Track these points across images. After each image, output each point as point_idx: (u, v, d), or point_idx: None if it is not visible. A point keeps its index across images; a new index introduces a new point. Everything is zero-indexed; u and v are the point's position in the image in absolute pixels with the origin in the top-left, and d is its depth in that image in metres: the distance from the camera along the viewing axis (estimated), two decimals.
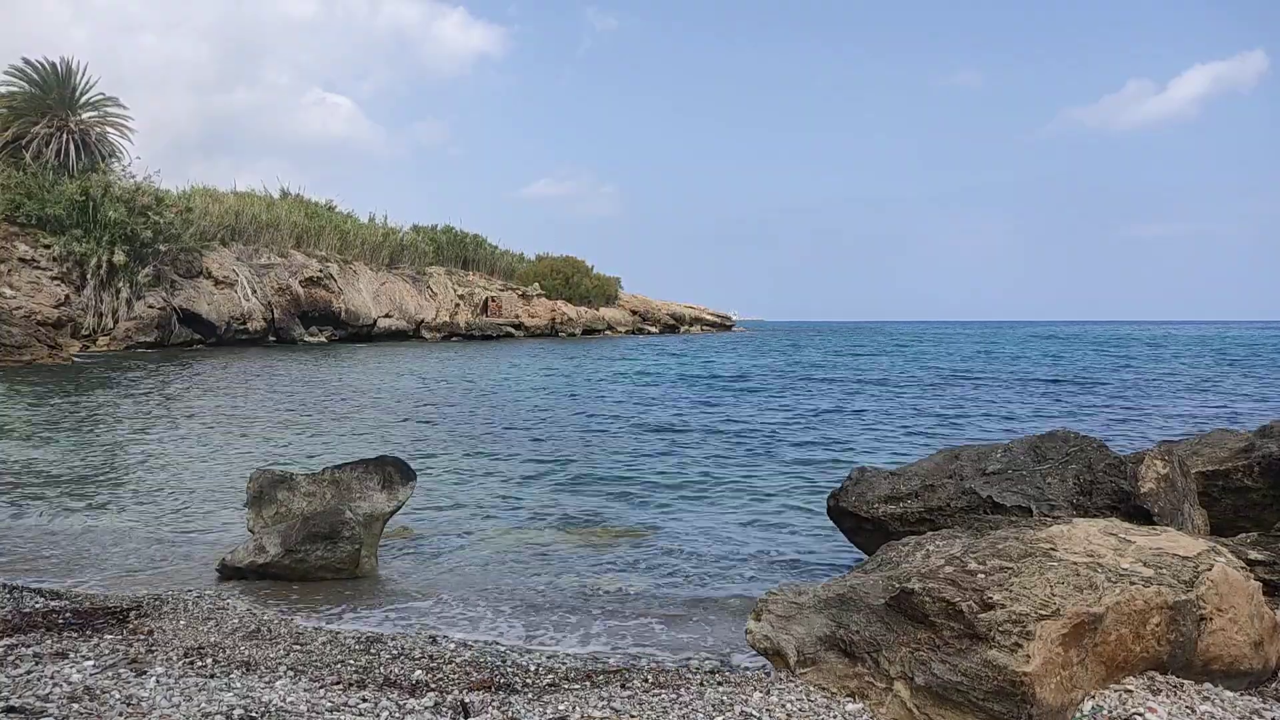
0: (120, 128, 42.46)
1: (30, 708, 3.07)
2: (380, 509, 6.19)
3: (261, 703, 3.25)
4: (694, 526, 7.38)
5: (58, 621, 4.40)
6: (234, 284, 42.44)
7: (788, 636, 3.71)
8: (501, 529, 7.31)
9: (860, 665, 3.43)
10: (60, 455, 10.75)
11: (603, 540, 6.93)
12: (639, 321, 74.81)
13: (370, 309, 50.19)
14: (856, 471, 5.97)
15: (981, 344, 53.88)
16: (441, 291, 56.80)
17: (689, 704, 3.34)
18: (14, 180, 36.19)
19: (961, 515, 5.14)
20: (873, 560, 4.09)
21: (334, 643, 4.39)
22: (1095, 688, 3.21)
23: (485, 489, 9.01)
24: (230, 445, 11.85)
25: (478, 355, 37.30)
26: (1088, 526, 3.88)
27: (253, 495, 6.28)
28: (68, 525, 7.29)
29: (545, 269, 67.78)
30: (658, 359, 35.74)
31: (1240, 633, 3.49)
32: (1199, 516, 5.22)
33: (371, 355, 35.93)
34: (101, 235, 36.34)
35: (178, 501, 8.27)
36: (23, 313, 31.22)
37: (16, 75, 39.66)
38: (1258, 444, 5.70)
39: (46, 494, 8.53)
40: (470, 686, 3.72)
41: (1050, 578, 3.26)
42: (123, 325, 36.55)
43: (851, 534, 5.90)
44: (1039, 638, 3.02)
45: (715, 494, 8.78)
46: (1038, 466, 5.20)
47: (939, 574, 3.39)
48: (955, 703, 3.09)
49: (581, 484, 9.29)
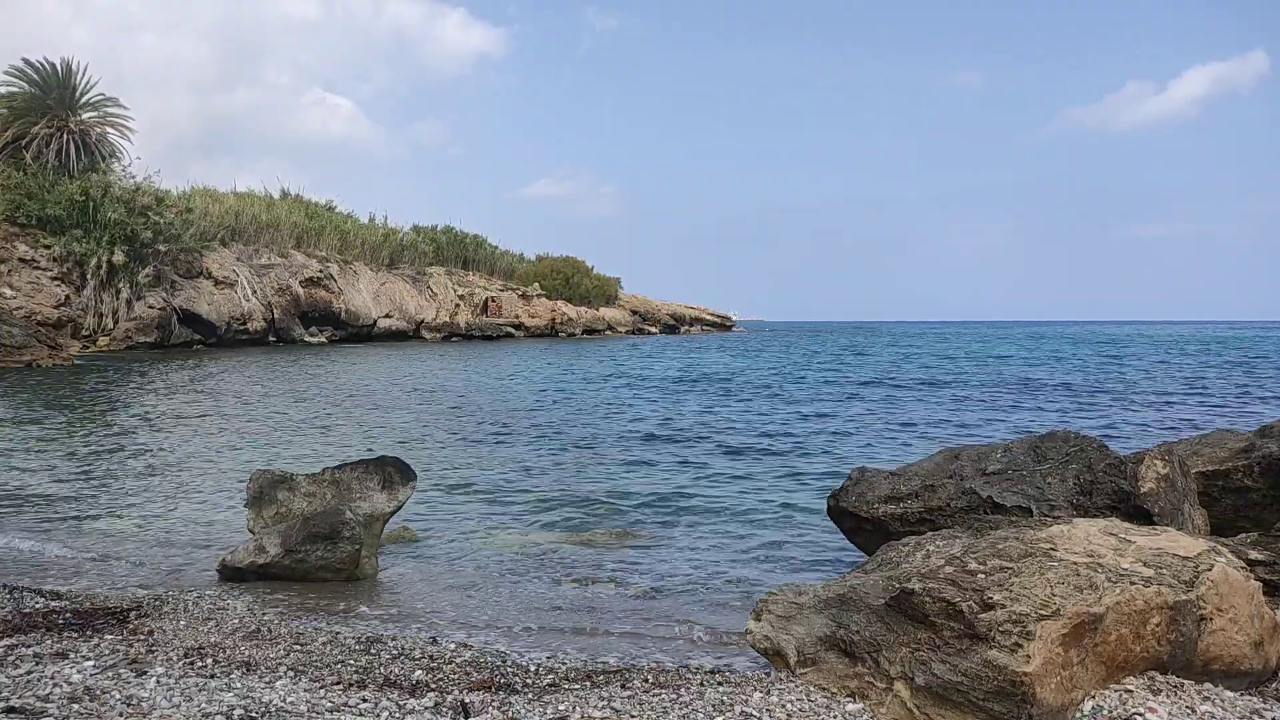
0: (120, 128, 42.51)
1: (30, 708, 3.07)
2: (380, 509, 6.19)
3: (262, 703, 3.25)
4: (694, 527, 7.38)
5: (58, 621, 4.40)
6: (234, 284, 42.45)
7: (788, 636, 3.71)
8: (501, 529, 7.31)
9: (860, 665, 3.43)
10: (60, 455, 10.75)
11: (603, 541, 6.93)
12: (639, 321, 74.84)
13: (370, 309, 50.20)
14: (857, 471, 5.97)
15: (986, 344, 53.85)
16: (441, 292, 56.81)
17: (689, 704, 3.34)
18: (14, 180, 36.20)
19: (961, 515, 5.14)
20: (873, 560, 4.10)
21: (334, 643, 4.39)
22: (1095, 688, 3.21)
23: (485, 489, 9.01)
24: (230, 445, 11.86)
25: (477, 355, 37.30)
26: (1088, 526, 3.88)
27: (253, 495, 6.28)
28: (68, 525, 7.29)
29: (545, 269, 67.80)
30: (658, 359, 35.74)
31: (1240, 633, 3.49)
32: (1199, 516, 5.22)
33: (371, 356, 35.94)
34: (101, 235, 36.35)
35: (178, 501, 8.27)
36: (23, 313, 31.24)
37: (17, 75, 39.70)
38: (1258, 444, 5.70)
39: (46, 494, 8.53)
40: (470, 686, 3.72)
41: (1050, 578, 3.26)
42: (123, 325, 36.55)
43: (851, 534, 5.90)
44: (1039, 638, 3.02)
45: (715, 495, 8.78)
46: (1038, 466, 5.19)
47: (939, 574, 3.39)
48: (955, 703, 3.09)
49: (582, 485, 9.29)
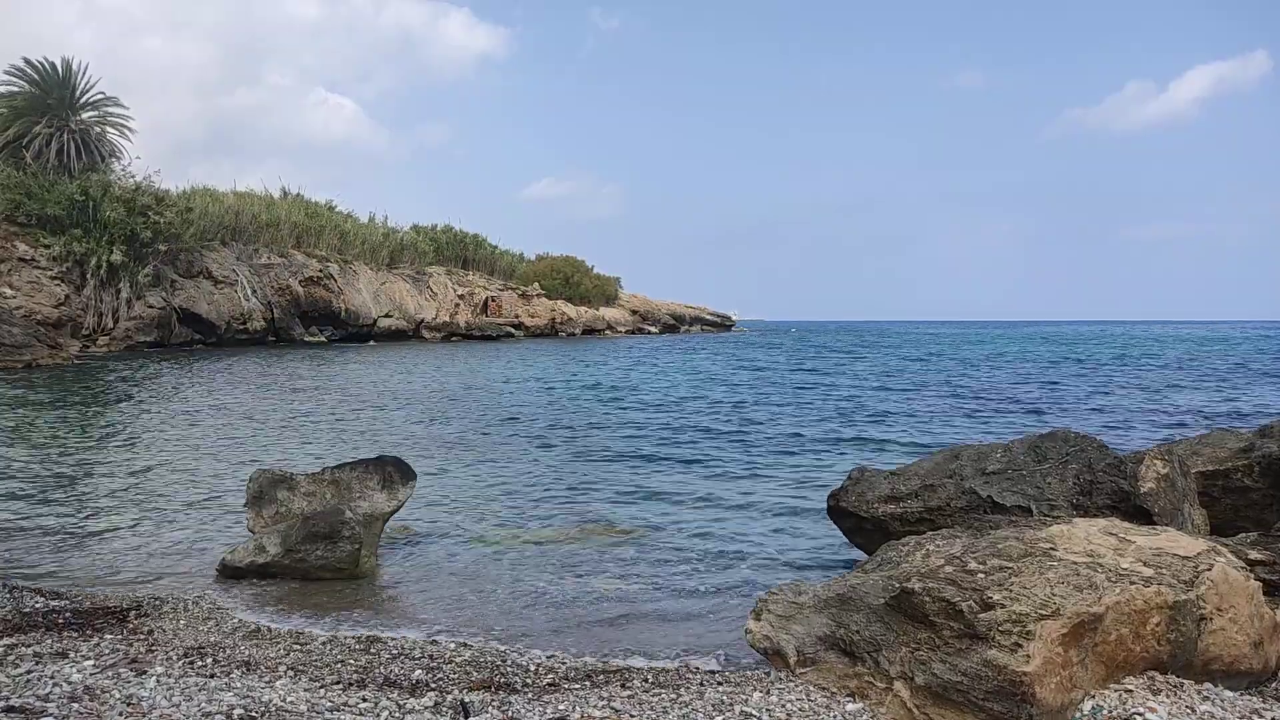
0: (120, 128, 42.50)
1: (30, 707, 3.07)
2: (380, 509, 6.19)
3: (261, 702, 3.25)
4: (694, 527, 7.38)
5: (58, 621, 4.40)
6: (234, 284, 42.44)
7: (788, 636, 3.71)
8: (501, 529, 7.31)
9: (860, 665, 3.43)
10: (60, 455, 10.74)
11: (602, 540, 6.92)
12: (639, 321, 74.80)
13: (370, 309, 50.18)
14: (856, 471, 5.97)
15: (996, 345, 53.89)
16: (441, 291, 56.79)
17: (689, 704, 3.34)
18: (14, 180, 36.19)
19: (961, 515, 5.14)
20: (873, 560, 4.09)
21: (334, 642, 4.39)
22: (1095, 687, 3.21)
23: (485, 488, 9.01)
24: (230, 445, 11.85)
25: (477, 355, 37.30)
26: (1088, 526, 3.88)
27: (253, 495, 6.28)
28: (68, 525, 7.29)
29: (545, 269, 67.75)
30: (657, 359, 35.74)
31: (1240, 632, 3.49)
32: (1199, 516, 5.22)
33: (371, 355, 35.93)
34: (101, 235, 36.33)
35: (178, 501, 8.27)
36: (23, 312, 31.23)
37: (17, 75, 39.70)
38: (1258, 444, 5.69)
39: (46, 494, 8.52)
40: (470, 686, 3.72)
41: (1050, 577, 3.26)
42: (123, 325, 36.55)
43: (851, 534, 5.90)
44: (1039, 637, 3.02)
45: (715, 494, 8.77)
46: (1038, 466, 5.19)
47: (939, 574, 3.39)
48: (955, 702, 3.09)
49: (581, 484, 9.29)
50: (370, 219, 57.55)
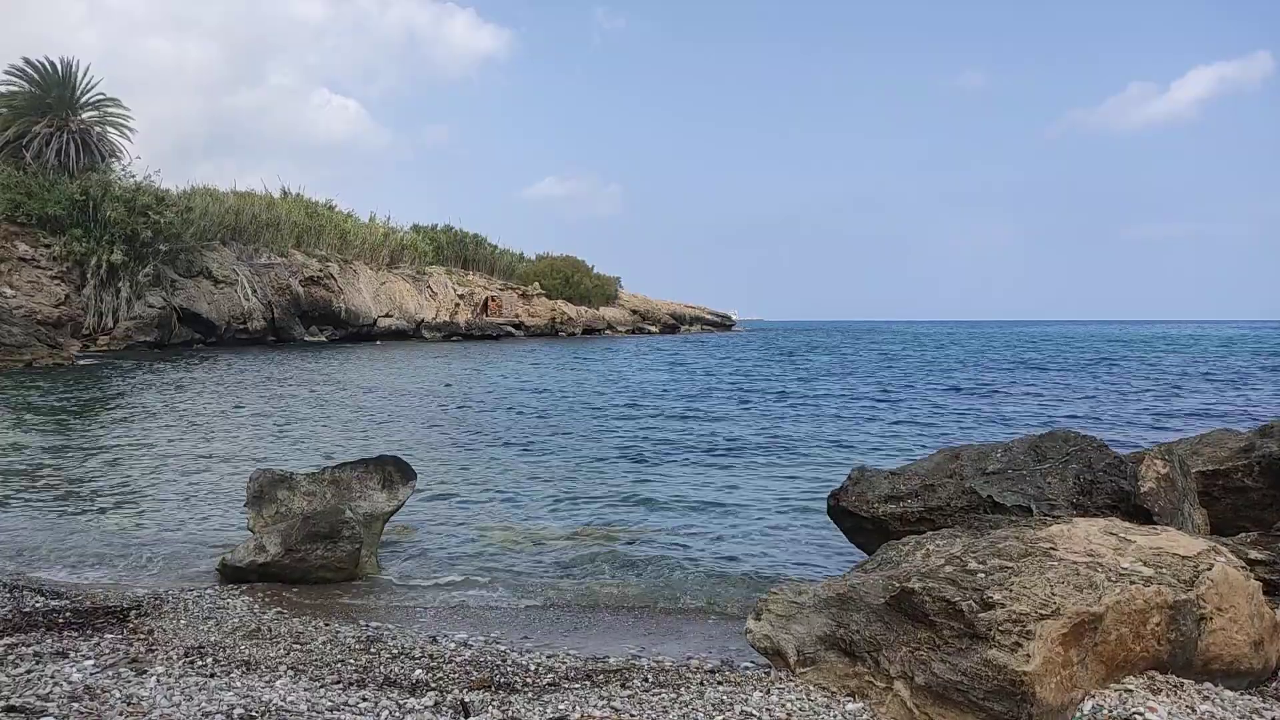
0: (120, 127, 42.53)
1: (30, 707, 3.07)
2: (380, 508, 6.19)
3: (262, 702, 3.25)
4: (693, 527, 7.38)
5: (58, 621, 4.40)
6: (234, 283, 42.44)
7: (788, 636, 3.71)
8: (501, 528, 7.31)
9: (860, 665, 3.43)
10: (60, 455, 10.75)
11: (602, 540, 6.92)
12: (639, 321, 74.82)
13: (370, 308, 50.19)
14: (857, 471, 5.96)
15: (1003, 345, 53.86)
16: (441, 291, 56.79)
17: (689, 704, 3.34)
18: (14, 180, 36.19)
19: (961, 515, 5.14)
20: (873, 560, 4.10)
21: (334, 642, 4.39)
22: (1095, 687, 3.21)
23: (485, 488, 9.01)
24: (230, 444, 11.85)
25: (477, 355, 37.29)
26: (1088, 526, 3.88)
27: (253, 495, 6.28)
28: (68, 525, 7.29)
29: (545, 268, 67.75)
30: (658, 359, 35.74)
31: (1240, 632, 3.49)
32: (1199, 516, 5.22)
33: (371, 355, 35.94)
34: (101, 235, 36.35)
35: (178, 501, 8.27)
36: (23, 312, 31.24)
37: (17, 75, 39.73)
38: (1258, 444, 5.69)
39: (47, 494, 8.53)
40: (470, 686, 3.72)
41: (1050, 577, 3.26)
42: (123, 325, 36.56)
43: (851, 534, 5.89)
44: (1039, 637, 3.02)
45: (715, 495, 8.78)
46: (1038, 466, 5.19)
47: (939, 573, 3.39)
48: (955, 702, 3.09)
49: (582, 485, 9.29)
50: (371, 219, 57.58)
